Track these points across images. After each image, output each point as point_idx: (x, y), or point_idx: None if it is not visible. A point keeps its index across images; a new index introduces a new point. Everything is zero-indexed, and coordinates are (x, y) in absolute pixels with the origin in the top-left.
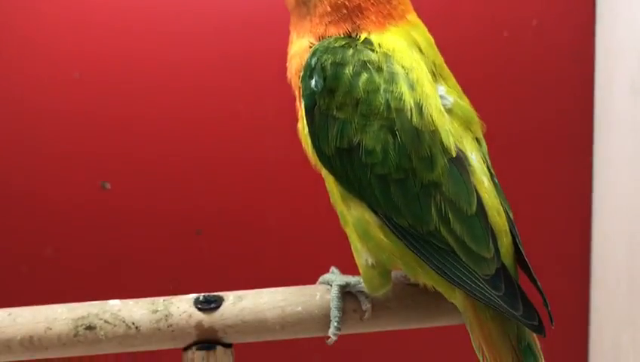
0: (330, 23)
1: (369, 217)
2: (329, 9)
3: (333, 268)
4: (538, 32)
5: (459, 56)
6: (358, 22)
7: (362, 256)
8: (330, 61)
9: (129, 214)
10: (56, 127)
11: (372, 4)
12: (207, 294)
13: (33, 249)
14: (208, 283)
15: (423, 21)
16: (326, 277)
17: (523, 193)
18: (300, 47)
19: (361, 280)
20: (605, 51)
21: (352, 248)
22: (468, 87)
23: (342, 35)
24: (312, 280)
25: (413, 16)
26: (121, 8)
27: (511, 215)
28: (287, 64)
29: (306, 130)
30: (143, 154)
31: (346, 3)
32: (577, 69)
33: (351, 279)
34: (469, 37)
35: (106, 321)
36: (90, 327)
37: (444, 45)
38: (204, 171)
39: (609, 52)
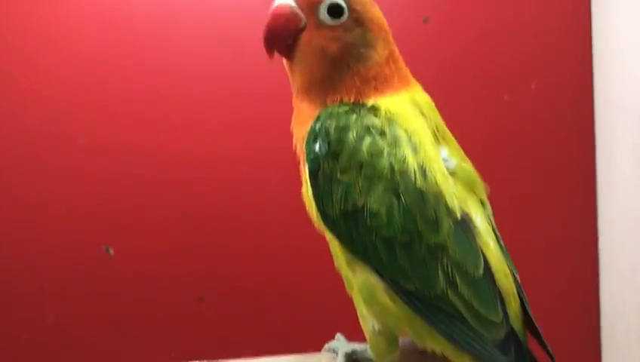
0: (356, 93)
1: (375, 281)
2: (359, 83)
3: (338, 335)
4: (537, 96)
5: (460, 119)
6: (386, 90)
7: (368, 322)
8: (334, 126)
9: (132, 280)
10: (60, 191)
11: (394, 71)
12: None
13: (35, 316)
14: (211, 350)
15: (427, 84)
16: (331, 344)
17: (528, 255)
18: (312, 114)
19: (368, 348)
20: (605, 113)
21: (358, 314)
22: (469, 149)
23: (351, 101)
24: (317, 348)
25: (412, 78)
26: (128, 77)
27: (518, 278)
28: (293, 130)
29: (310, 193)
30: (147, 221)
31: (376, 75)
32: (577, 132)
33: (357, 346)
34: (470, 100)
35: None
36: None
37: (446, 108)
38: (206, 238)
39: (609, 114)
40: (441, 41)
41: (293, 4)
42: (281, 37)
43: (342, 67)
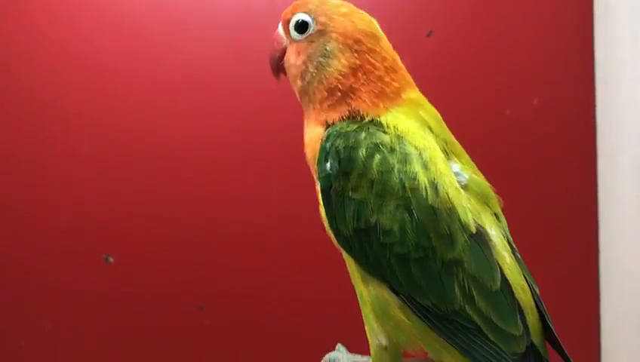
0: (328, 107)
1: (389, 297)
2: (326, 94)
3: (339, 346)
4: (539, 110)
5: (461, 134)
6: (353, 103)
7: (376, 337)
8: (343, 145)
9: (131, 288)
10: (60, 199)
11: (362, 83)
12: None
13: (32, 323)
14: (210, 359)
15: (428, 98)
16: (332, 355)
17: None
18: (313, 133)
19: (370, 361)
20: (606, 128)
21: (367, 328)
22: None
23: (345, 119)
24: (316, 358)
25: (415, 93)
26: (130, 86)
27: (537, 290)
28: (305, 150)
29: (324, 211)
30: (147, 229)
31: (339, 86)
32: (579, 146)
33: (359, 359)
34: (472, 115)
35: None
36: None
37: (447, 122)
38: (207, 246)
39: (610, 128)
40: (444, 54)
41: (280, 27)
42: (275, 59)
43: (308, 78)
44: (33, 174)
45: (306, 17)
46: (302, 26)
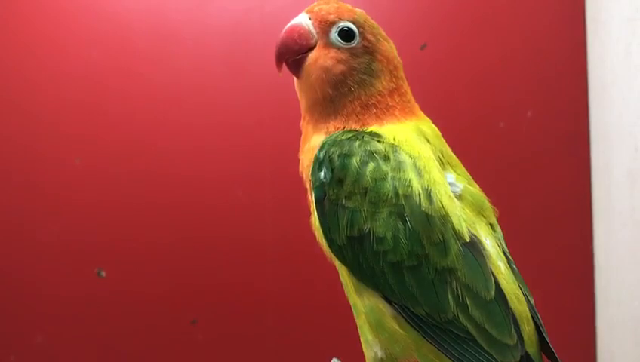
0: (356, 120)
1: (383, 307)
2: (359, 109)
3: (335, 360)
4: (533, 123)
5: (457, 147)
6: (384, 118)
7: (372, 349)
8: (337, 153)
9: (124, 302)
10: (52, 213)
11: (397, 102)
12: None
13: (23, 337)
14: None
15: (423, 111)
16: None
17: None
18: (316, 142)
19: None
20: (601, 141)
21: (362, 340)
22: None
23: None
24: None
25: (419, 111)
26: (123, 98)
27: (532, 301)
28: (300, 158)
29: (318, 221)
30: (139, 243)
31: (376, 103)
32: (573, 159)
33: None
34: (467, 128)
35: None
36: None
37: (441, 135)
38: (199, 260)
39: (604, 141)
40: (438, 67)
41: (308, 21)
42: (292, 50)
43: (343, 90)
44: (25, 188)
45: (354, 27)
46: (347, 35)
